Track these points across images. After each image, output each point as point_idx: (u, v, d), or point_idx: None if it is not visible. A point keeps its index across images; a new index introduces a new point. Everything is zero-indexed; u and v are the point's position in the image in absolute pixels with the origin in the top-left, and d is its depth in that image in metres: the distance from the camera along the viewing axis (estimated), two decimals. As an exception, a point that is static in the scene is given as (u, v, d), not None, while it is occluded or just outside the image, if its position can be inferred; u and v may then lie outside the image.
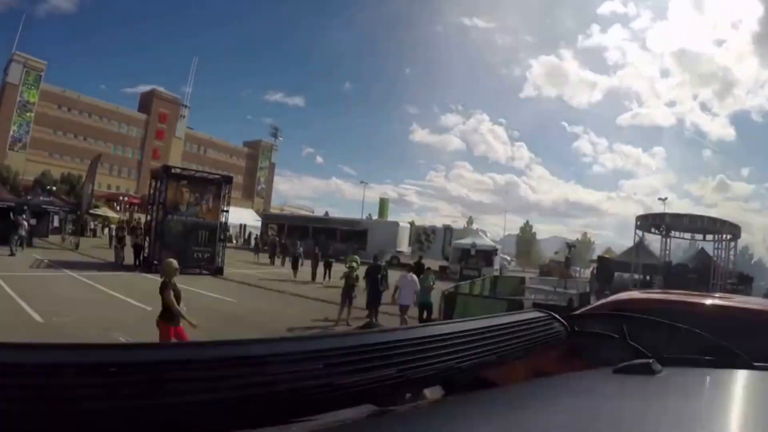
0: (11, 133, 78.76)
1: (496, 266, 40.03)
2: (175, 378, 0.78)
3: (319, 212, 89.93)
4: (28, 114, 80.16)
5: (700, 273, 29.95)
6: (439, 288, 17.09)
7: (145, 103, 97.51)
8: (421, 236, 49.32)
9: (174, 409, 0.77)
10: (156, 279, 20.66)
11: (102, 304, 15.07)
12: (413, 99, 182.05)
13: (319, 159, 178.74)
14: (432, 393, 1.25)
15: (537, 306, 11.88)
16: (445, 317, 14.45)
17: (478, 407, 1.09)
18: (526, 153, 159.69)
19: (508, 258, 54.28)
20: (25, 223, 26.92)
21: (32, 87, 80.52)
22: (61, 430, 0.69)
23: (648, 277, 30.24)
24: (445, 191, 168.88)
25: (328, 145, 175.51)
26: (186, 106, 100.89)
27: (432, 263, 32.03)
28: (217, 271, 25.19)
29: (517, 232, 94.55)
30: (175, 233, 24.74)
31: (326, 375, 0.90)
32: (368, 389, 0.96)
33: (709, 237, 32.47)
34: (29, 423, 0.67)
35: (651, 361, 1.37)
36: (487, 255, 39.91)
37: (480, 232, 47.32)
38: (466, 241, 41.56)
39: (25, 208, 33.17)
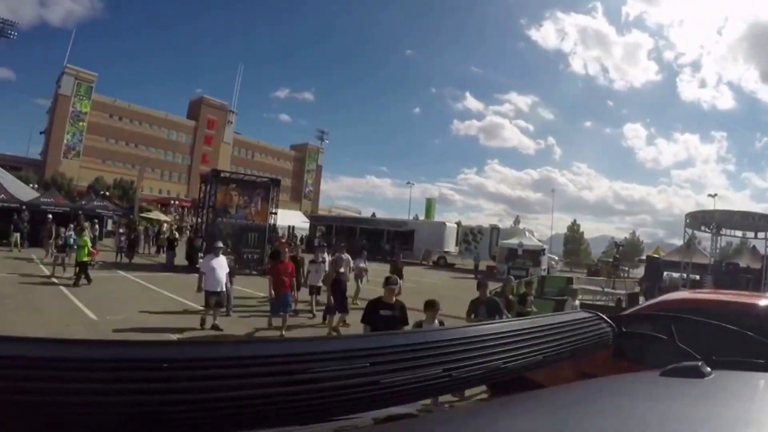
0: (65, 141, 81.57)
1: (544, 266, 39.24)
2: (223, 374, 0.82)
3: (365, 213, 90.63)
4: (80, 123, 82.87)
5: (753, 272, 29.06)
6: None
7: (194, 110, 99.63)
8: (468, 236, 48.78)
9: (223, 404, 0.81)
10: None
11: (153, 302, 15.45)
12: (453, 93, 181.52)
13: (355, 158, 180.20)
14: (479, 393, 1.34)
15: (584, 307, 11.65)
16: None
17: (522, 408, 1.09)
18: (573, 149, 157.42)
19: (556, 258, 53.22)
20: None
21: (84, 98, 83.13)
22: (120, 422, 0.75)
23: (698, 277, 29.14)
24: (487, 189, 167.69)
25: (365, 144, 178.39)
26: (233, 112, 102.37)
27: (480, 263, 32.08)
28: (266, 272, 25.13)
29: (564, 231, 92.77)
30: (224, 235, 24.97)
31: (373, 373, 0.92)
32: (414, 388, 0.98)
33: (761, 235, 31.38)
34: (93, 415, 0.73)
35: (700, 363, 1.32)
36: (534, 255, 39.32)
37: (527, 232, 46.59)
38: (513, 241, 40.99)
39: (80, 212, 34.40)
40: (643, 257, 46.33)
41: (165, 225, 42.35)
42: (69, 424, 0.74)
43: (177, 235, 30.40)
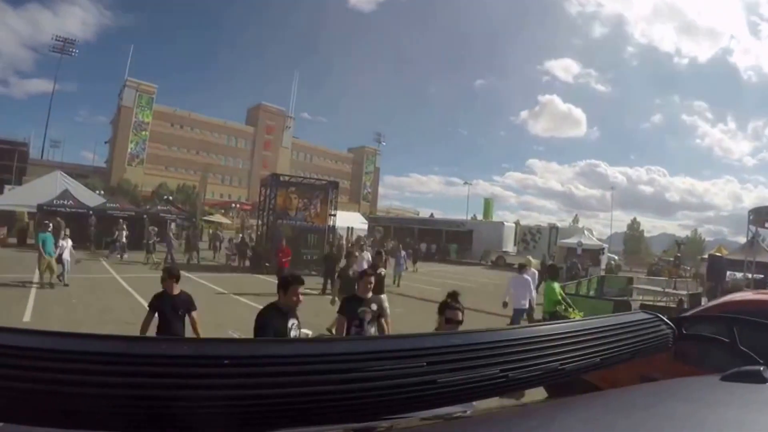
0: (129, 150, 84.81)
1: (603, 266, 38.73)
2: (281, 371, 0.83)
3: (424, 213, 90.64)
4: (143, 133, 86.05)
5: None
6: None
7: (252, 116, 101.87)
8: (527, 236, 48.26)
9: (279, 401, 0.83)
10: (266, 279, 21.71)
11: (216, 302, 15.79)
12: (506, 85, 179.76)
13: (406, 157, 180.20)
14: (534, 394, 1.23)
15: (644, 308, 10.93)
16: (551, 318, 13.81)
17: (579, 411, 1.07)
18: (632, 143, 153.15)
19: (616, 257, 52.23)
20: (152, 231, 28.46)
21: (145, 108, 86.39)
22: (185, 415, 0.78)
23: (763, 276, 27.90)
24: (544, 187, 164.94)
25: (413, 142, 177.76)
26: (291, 117, 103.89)
27: (537, 263, 31.55)
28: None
29: (624, 229, 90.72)
30: (285, 237, 25.51)
31: (429, 372, 0.91)
32: (470, 388, 0.97)
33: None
34: (159, 409, 0.76)
35: (762, 368, 1.26)
36: (593, 254, 38.72)
37: (586, 231, 45.95)
38: (572, 240, 40.41)
39: (145, 217, 35.54)
40: (705, 256, 44.86)
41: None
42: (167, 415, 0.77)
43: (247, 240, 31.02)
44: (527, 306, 13.57)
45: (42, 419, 0.76)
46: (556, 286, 13.01)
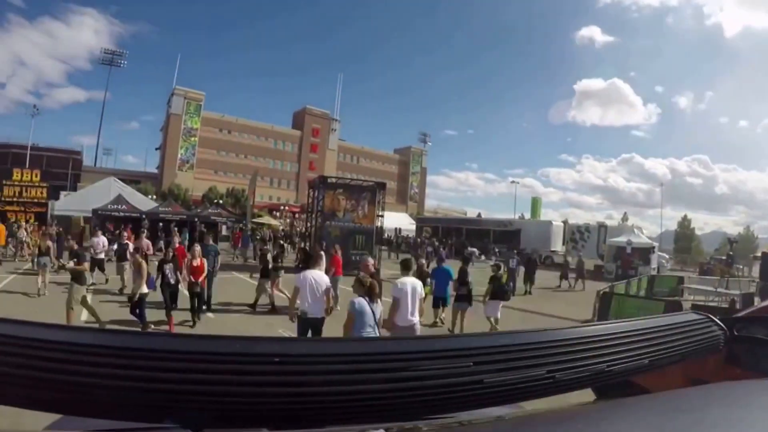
0: (179, 156, 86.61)
1: (653, 265, 37.68)
2: (328, 370, 0.85)
3: (467, 213, 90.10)
4: (192, 139, 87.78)
5: None
6: (595, 288, 16.98)
7: (298, 120, 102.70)
8: (575, 235, 47.59)
9: (326, 399, 0.86)
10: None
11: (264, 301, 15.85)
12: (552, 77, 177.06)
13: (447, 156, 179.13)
14: (582, 396, 1.21)
15: (695, 308, 11.02)
16: (600, 318, 14.16)
17: (627, 414, 1.04)
18: (685, 135, 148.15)
19: (666, 256, 50.94)
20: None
21: (194, 115, 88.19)
22: (239, 410, 0.84)
23: None
24: (585, 182, 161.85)
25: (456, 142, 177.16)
26: (336, 120, 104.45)
27: (587, 262, 31.03)
28: (374, 273, 25.45)
29: (675, 227, 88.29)
30: (333, 238, 25.40)
31: (476, 372, 0.92)
32: (517, 389, 0.98)
33: None
34: (212, 405, 0.82)
35: None
36: (643, 253, 37.66)
37: (635, 229, 44.94)
38: (621, 239, 39.47)
39: (196, 219, 36.46)
40: (758, 254, 43.34)
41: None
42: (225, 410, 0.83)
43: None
44: None
45: (101, 411, 0.83)
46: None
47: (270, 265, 16.00)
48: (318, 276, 9.41)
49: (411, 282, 9.14)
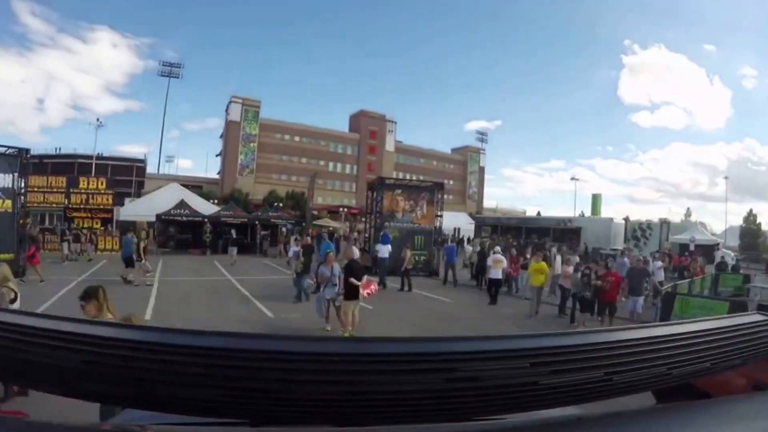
0: (239, 161, 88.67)
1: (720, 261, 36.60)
2: (381, 369, 0.87)
3: (530, 212, 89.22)
4: (251, 144, 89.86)
5: None
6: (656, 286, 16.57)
7: (355, 122, 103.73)
8: (637, 232, 46.39)
9: (381, 397, 0.86)
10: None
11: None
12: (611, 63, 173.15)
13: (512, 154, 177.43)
14: (641, 400, 1.17)
15: (761, 308, 10.62)
16: (662, 318, 13.85)
17: (687, 419, 1.04)
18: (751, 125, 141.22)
19: (732, 253, 49.33)
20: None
21: (252, 121, 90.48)
22: (295, 407, 0.86)
23: None
24: (651, 177, 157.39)
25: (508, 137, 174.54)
26: (393, 122, 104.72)
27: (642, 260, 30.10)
28: (434, 273, 25.73)
29: (740, 222, 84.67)
30: (392, 238, 25.59)
31: (532, 374, 0.91)
32: (574, 391, 0.96)
33: None
34: (268, 402, 0.85)
35: None
36: (707, 250, 36.41)
37: (699, 225, 43.66)
38: (684, 235, 38.54)
39: (257, 222, 37.23)
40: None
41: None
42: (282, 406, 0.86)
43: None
44: None
45: (162, 406, 0.88)
46: None
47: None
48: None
49: None
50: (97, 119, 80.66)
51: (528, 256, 17.57)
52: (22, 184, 21.19)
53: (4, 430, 0.84)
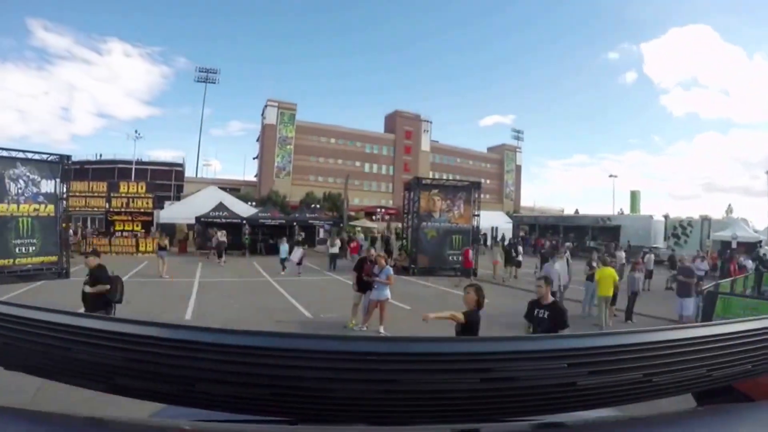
0: (276, 163, 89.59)
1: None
2: (417, 369, 0.87)
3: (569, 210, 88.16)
4: (287, 147, 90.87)
5: None
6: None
7: (390, 123, 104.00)
8: (677, 229, 45.01)
9: (420, 396, 0.87)
10: (416, 282, 21.77)
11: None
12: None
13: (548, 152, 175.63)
14: (681, 402, 1.14)
15: None
16: (704, 318, 13.53)
17: (727, 422, 1.03)
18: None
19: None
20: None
21: (288, 124, 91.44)
22: (333, 406, 0.88)
23: None
24: (688, 171, 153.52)
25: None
26: (428, 121, 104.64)
27: (689, 258, 29.32)
28: (471, 273, 25.45)
29: None
30: (429, 238, 25.77)
31: (570, 375, 0.90)
32: (612, 392, 0.95)
33: None
34: (309, 399, 0.87)
35: None
36: (749, 247, 35.31)
37: (741, 222, 42.47)
38: (726, 233, 37.41)
39: (294, 224, 37.55)
40: None
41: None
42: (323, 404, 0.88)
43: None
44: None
45: (204, 403, 0.91)
46: None
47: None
48: None
49: None
50: (135, 131, 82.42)
51: (594, 263, 16.36)
52: (64, 189, 22.06)
53: (58, 428, 0.92)
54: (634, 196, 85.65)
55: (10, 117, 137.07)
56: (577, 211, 76.10)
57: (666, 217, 49.20)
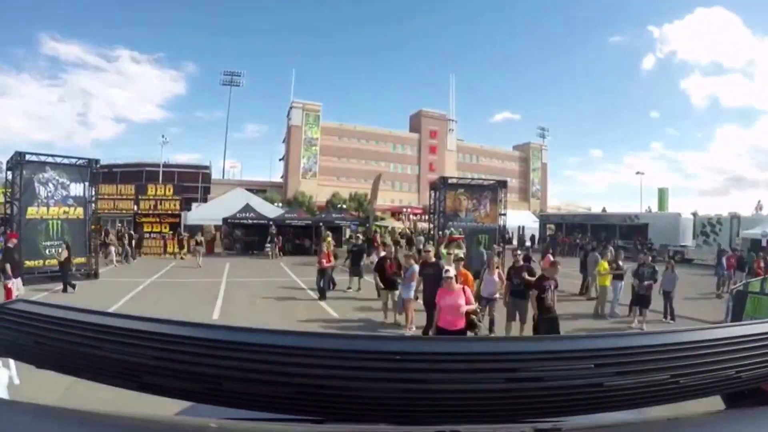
0: (301, 165, 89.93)
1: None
2: (443, 368, 0.88)
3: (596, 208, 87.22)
4: (313, 148, 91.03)
5: None
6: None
7: (414, 123, 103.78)
8: (706, 227, 43.91)
9: (446, 396, 0.87)
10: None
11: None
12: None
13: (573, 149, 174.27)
14: (708, 404, 1.11)
15: None
16: (734, 318, 13.26)
17: (758, 424, 1.00)
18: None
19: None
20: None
21: (313, 125, 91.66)
22: (359, 405, 0.89)
23: None
24: (713, 166, 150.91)
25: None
26: (453, 120, 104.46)
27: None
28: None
29: None
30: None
31: (596, 375, 0.90)
32: (638, 393, 0.94)
33: None
34: (335, 398, 0.88)
35: None
36: None
37: (772, 218, 41.51)
38: (756, 230, 36.59)
39: (320, 224, 37.75)
40: None
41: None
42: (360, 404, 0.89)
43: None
44: None
45: (230, 401, 0.93)
46: None
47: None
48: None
49: None
50: (162, 136, 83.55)
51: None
52: (93, 192, 22.54)
53: (87, 426, 0.92)
54: (662, 194, 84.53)
55: (32, 124, 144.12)
56: (604, 210, 75.42)
57: (694, 214, 48.31)
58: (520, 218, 55.63)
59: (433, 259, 12.75)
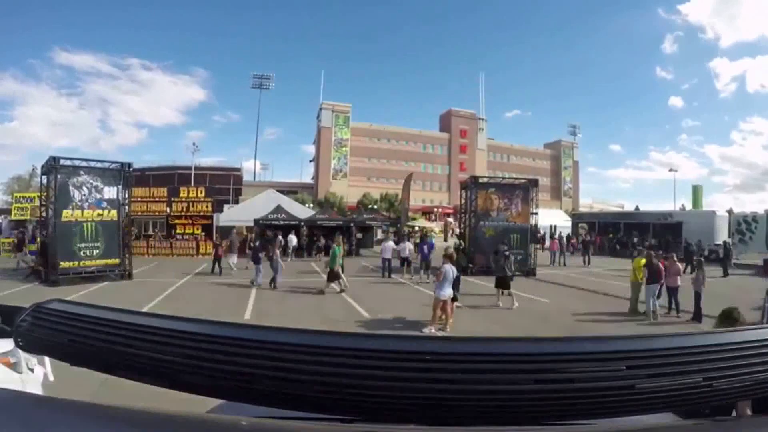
0: (332, 166, 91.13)
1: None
2: (477, 369, 0.87)
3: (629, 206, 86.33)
4: (343, 149, 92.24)
5: None
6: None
7: (444, 122, 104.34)
8: (741, 225, 42.51)
9: (474, 397, 0.86)
10: (469, 281, 21.50)
11: (417, 303, 15.85)
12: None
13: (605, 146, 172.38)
14: (741, 408, 1.12)
15: None
16: None
17: None
18: None
19: None
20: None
21: (343, 127, 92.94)
22: (388, 405, 0.87)
23: None
24: (744, 161, 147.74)
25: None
26: (483, 119, 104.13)
27: (755, 255, 28.06)
28: (530, 273, 25.38)
29: None
30: (487, 238, 25.55)
31: (628, 377, 0.88)
32: (670, 396, 0.91)
33: None
34: (364, 398, 0.87)
35: None
36: None
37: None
38: None
39: (351, 225, 37.91)
40: None
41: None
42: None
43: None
44: None
45: (263, 400, 0.94)
46: None
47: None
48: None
49: None
50: (193, 143, 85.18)
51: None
52: (126, 195, 23.05)
53: (119, 422, 0.96)
54: (696, 191, 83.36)
55: (56, 131, 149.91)
56: (637, 208, 74.37)
57: (730, 212, 47.24)
58: (551, 217, 55.27)
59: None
